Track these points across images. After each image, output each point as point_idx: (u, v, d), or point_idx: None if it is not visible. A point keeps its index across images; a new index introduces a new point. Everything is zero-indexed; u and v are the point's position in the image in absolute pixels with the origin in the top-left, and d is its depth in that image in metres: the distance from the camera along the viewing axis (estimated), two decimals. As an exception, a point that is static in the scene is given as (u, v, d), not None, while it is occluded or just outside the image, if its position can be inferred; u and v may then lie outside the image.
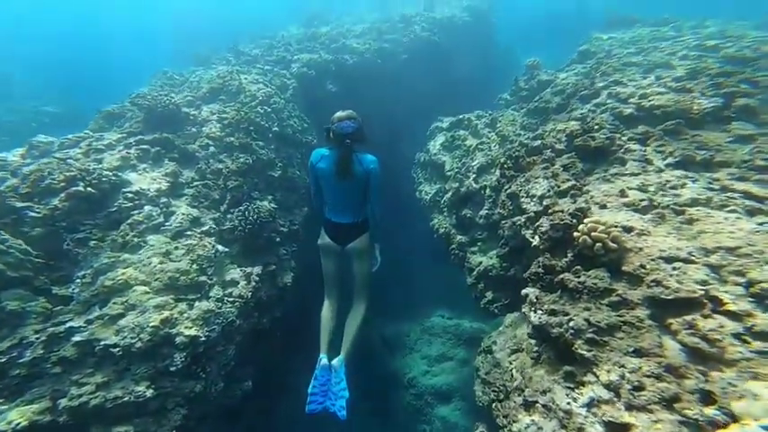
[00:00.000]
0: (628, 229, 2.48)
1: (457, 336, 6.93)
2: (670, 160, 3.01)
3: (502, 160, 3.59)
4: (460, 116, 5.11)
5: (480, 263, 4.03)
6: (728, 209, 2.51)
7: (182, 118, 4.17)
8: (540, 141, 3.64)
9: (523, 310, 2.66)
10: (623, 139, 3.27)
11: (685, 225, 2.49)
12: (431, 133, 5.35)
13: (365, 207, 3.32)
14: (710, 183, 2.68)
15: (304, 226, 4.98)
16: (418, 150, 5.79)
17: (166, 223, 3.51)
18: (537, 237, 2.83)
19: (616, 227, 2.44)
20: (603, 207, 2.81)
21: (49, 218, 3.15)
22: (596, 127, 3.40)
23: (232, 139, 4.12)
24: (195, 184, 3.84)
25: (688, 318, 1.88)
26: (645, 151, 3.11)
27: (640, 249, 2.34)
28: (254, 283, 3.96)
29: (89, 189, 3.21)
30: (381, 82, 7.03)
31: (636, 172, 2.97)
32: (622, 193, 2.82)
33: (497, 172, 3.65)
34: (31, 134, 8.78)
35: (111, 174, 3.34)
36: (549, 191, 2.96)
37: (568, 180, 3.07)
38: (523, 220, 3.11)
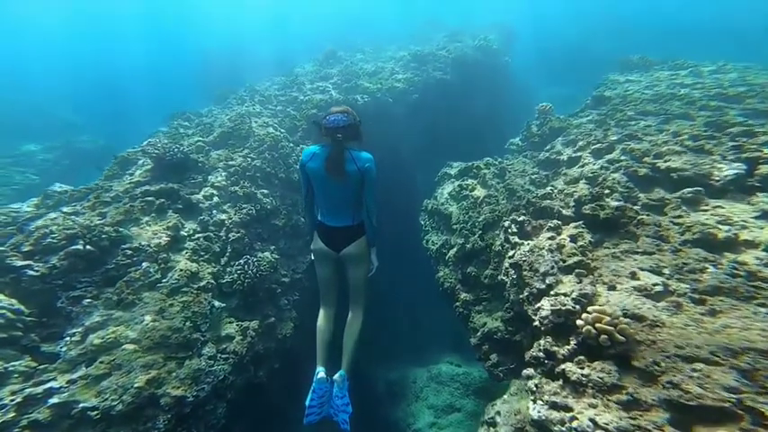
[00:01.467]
0: (638, 318, 2.27)
1: (465, 385, 6.61)
2: (688, 237, 2.78)
3: (506, 224, 3.43)
4: (470, 163, 5.01)
5: (485, 324, 3.83)
6: (757, 301, 2.27)
7: (190, 165, 4.22)
8: (547, 202, 3.48)
9: (526, 388, 2.47)
10: (635, 209, 3.06)
11: (707, 317, 2.26)
12: (439, 179, 5.26)
13: (360, 209, 3.06)
14: (735, 268, 2.45)
15: (309, 271, 4.89)
16: (428, 191, 5.71)
17: (163, 280, 3.47)
18: (538, 319, 2.64)
19: (624, 317, 2.25)
20: (612, 288, 2.61)
21: (47, 276, 3.16)
22: (607, 191, 3.23)
23: (236, 188, 4.13)
24: (197, 236, 3.82)
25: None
26: (659, 227, 2.89)
27: (653, 343, 2.12)
28: (249, 339, 3.87)
29: (88, 247, 3.22)
30: (393, 121, 7.06)
31: (649, 250, 2.75)
32: (633, 276, 2.61)
33: (501, 235, 3.49)
34: (63, 171, 9.21)
35: (111, 230, 3.35)
36: (552, 267, 2.77)
37: (575, 254, 2.88)
38: (525, 294, 2.92)
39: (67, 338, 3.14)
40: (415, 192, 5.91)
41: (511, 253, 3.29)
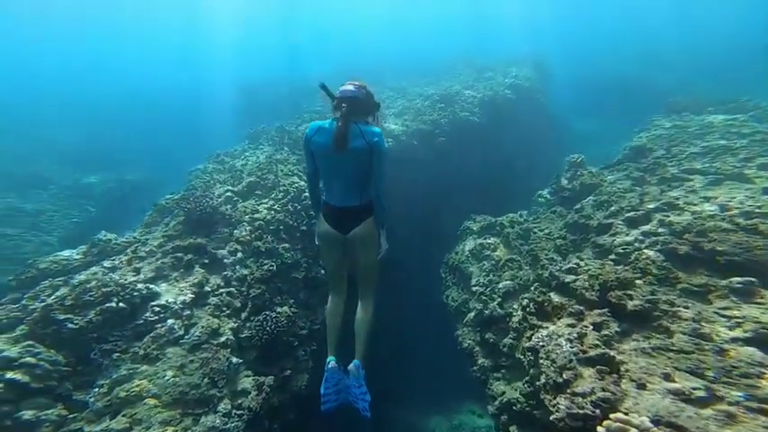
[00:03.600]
0: (676, 428, 2.01)
1: (488, 442, 6.28)
2: (740, 334, 2.50)
3: (525, 302, 3.28)
4: (493, 220, 4.88)
5: (504, 393, 3.63)
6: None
7: (218, 219, 4.47)
8: (571, 278, 3.30)
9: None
10: (670, 300, 2.80)
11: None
12: (461, 233, 5.17)
13: (369, 188, 2.87)
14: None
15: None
16: (453, 234, 5.60)
17: (186, 336, 3.65)
18: (554, 415, 2.47)
19: (657, 427, 2.01)
20: (642, 387, 2.38)
21: (84, 329, 3.44)
22: (638, 275, 3.00)
23: (259, 243, 4.30)
24: (220, 291, 4.00)
25: None
26: (700, 324, 2.61)
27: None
28: (264, 394, 3.92)
29: (121, 305, 3.48)
30: (418, 164, 7.07)
31: (687, 349, 2.50)
32: (668, 377, 2.38)
33: (520, 312, 3.34)
34: (114, 203, 9.99)
35: (143, 287, 3.60)
36: (570, 360, 2.59)
37: (597, 345, 2.68)
38: (542, 381, 2.75)
39: (96, 389, 3.35)
40: (438, 236, 5.84)
41: (528, 334, 3.13)
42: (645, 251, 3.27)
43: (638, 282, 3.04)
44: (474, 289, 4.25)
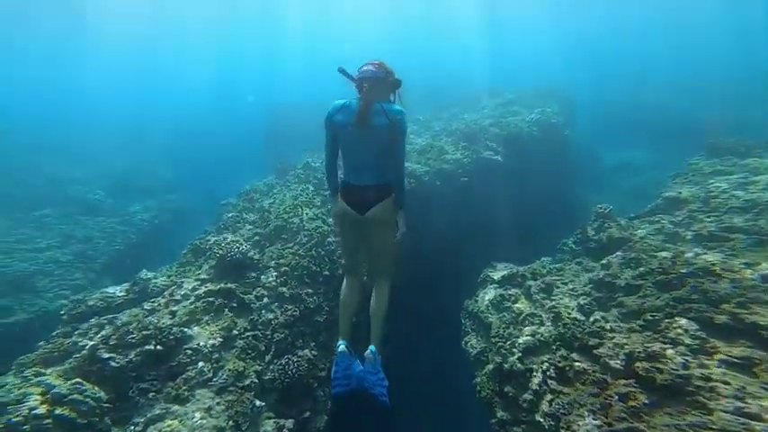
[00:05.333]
0: None
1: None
2: None
3: (545, 366, 3.24)
4: (514, 270, 4.87)
5: None
6: None
7: (247, 264, 4.73)
8: (595, 341, 3.23)
9: None
10: (707, 375, 2.67)
11: None
12: (482, 281, 5.16)
13: (388, 167, 2.84)
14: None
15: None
16: (474, 275, 5.58)
17: (214, 378, 3.85)
18: None
19: None
20: None
21: (124, 368, 3.72)
22: (668, 346, 2.90)
23: (284, 289, 4.52)
24: (246, 334, 4.22)
25: None
26: (744, 403, 2.46)
27: None
28: (284, 437, 4.01)
29: (158, 347, 3.75)
30: (439, 205, 7.16)
31: (731, 429, 2.36)
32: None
33: (540, 374, 3.29)
34: (153, 229, 10.68)
35: (178, 330, 3.87)
36: (595, 438, 2.53)
37: (624, 418, 2.61)
38: (566, 457, 2.69)
39: (132, 427, 3.57)
40: (458, 279, 5.84)
41: (548, 398, 3.08)
42: (677, 318, 3.16)
43: (668, 352, 2.93)
44: (493, 340, 4.21)
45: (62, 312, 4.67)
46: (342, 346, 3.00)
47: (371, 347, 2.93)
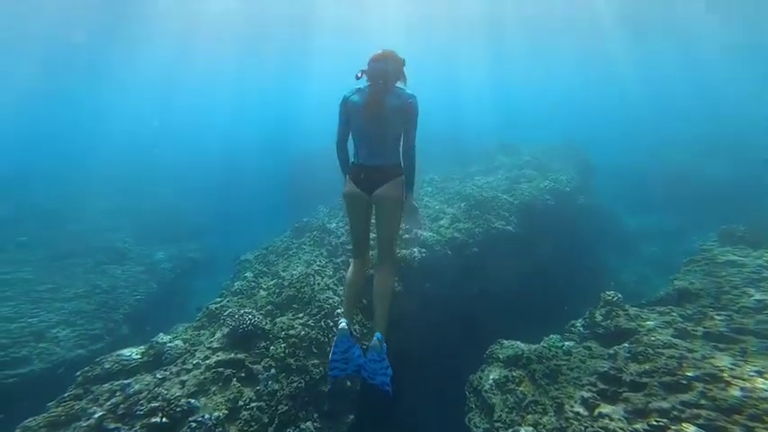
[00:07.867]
0: None
1: None
2: None
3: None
4: (520, 350, 4.83)
5: None
6: None
7: (258, 334, 4.91)
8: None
9: None
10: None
11: None
12: (487, 357, 5.11)
13: (398, 149, 2.92)
14: None
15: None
16: (480, 349, 5.48)
17: (216, 454, 3.87)
18: None
19: None
20: None
21: (130, 439, 3.81)
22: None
23: (291, 360, 4.62)
24: (251, 405, 4.26)
25: None
26: None
27: None
28: None
29: (164, 420, 3.85)
30: (449, 276, 7.24)
31: None
32: None
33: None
34: (174, 278, 11.16)
35: (185, 402, 3.98)
36: None
37: None
38: None
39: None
40: (464, 356, 5.77)
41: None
42: (684, 425, 3.08)
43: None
44: (496, 425, 4.13)
45: (77, 374, 4.87)
46: (342, 323, 3.02)
47: (377, 334, 2.89)
